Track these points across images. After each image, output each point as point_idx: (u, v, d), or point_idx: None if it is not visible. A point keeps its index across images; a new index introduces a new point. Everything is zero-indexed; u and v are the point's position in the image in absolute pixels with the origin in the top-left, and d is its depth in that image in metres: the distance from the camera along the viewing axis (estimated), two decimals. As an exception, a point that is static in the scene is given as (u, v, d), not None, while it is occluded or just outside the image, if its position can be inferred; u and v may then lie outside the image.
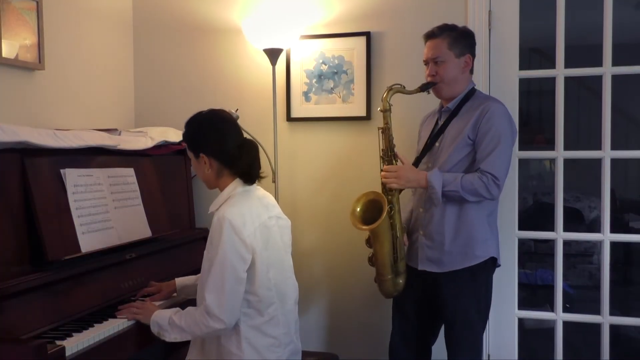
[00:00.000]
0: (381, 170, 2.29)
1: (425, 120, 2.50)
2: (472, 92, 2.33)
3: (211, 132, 1.91)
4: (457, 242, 2.22)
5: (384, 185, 2.27)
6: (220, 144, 1.90)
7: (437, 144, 2.31)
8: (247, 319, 1.84)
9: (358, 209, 2.27)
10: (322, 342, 3.01)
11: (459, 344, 2.26)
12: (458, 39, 2.28)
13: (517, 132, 2.31)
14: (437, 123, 2.38)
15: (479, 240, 2.21)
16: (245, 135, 2.01)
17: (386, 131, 2.29)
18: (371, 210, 2.25)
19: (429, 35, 2.31)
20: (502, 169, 2.17)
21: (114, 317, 1.96)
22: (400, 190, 2.30)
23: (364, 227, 2.22)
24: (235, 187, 1.91)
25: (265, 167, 2.36)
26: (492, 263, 2.29)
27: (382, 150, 2.30)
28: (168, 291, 2.20)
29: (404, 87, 2.29)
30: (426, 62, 2.32)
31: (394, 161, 2.28)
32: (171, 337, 1.87)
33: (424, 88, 2.29)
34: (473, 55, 2.33)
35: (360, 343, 2.92)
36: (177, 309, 1.92)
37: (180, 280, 2.21)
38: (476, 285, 2.24)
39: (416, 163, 2.36)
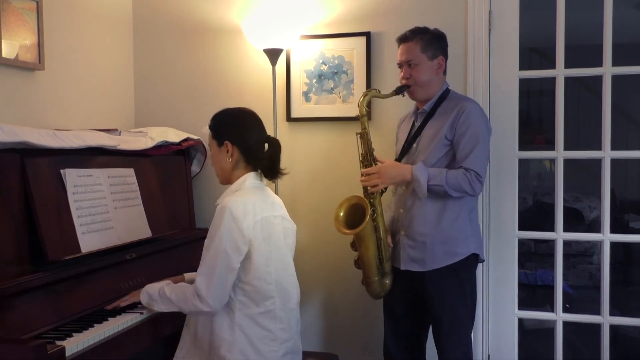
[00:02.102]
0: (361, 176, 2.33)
1: (402, 122, 2.53)
2: (446, 92, 2.36)
3: (238, 122, 2.01)
4: (439, 241, 2.25)
5: (365, 189, 2.31)
6: (245, 134, 1.98)
7: (414, 145, 2.35)
8: (242, 307, 1.88)
9: (341, 214, 2.31)
10: (322, 343, 3.01)
11: (448, 342, 2.29)
12: (430, 42, 2.31)
13: (491, 129, 2.37)
14: (413, 125, 2.42)
15: (460, 238, 2.25)
16: None
17: (364, 136, 2.34)
18: (354, 214, 2.29)
19: (402, 39, 2.34)
20: (483, 166, 2.23)
21: (114, 317, 1.97)
22: (382, 193, 2.33)
23: (348, 231, 2.25)
24: (245, 180, 1.97)
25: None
26: (474, 259, 2.32)
27: (362, 154, 2.35)
28: None
29: (379, 92, 2.36)
30: (400, 65, 2.36)
31: (373, 165, 2.33)
32: (160, 307, 1.95)
33: (398, 91, 2.34)
34: (446, 57, 2.36)
35: (360, 343, 2.91)
36: (169, 281, 2.00)
37: (188, 275, 2.25)
38: (460, 281, 2.27)
39: None
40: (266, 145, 2.02)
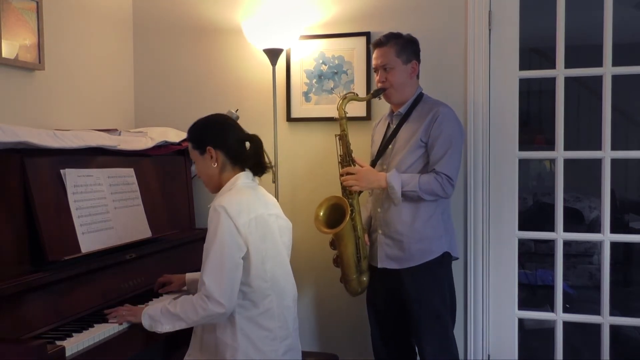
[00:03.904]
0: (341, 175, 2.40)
1: (377, 124, 2.61)
2: (420, 96, 2.44)
3: (215, 127, 2.01)
4: (415, 240, 2.33)
5: (344, 188, 2.39)
6: (225, 136, 1.98)
7: (390, 147, 2.42)
8: (242, 310, 1.87)
9: (321, 214, 2.38)
10: (321, 343, 3.01)
11: (427, 340, 2.32)
12: (405, 47, 2.38)
13: (464, 133, 2.45)
14: (388, 127, 2.49)
15: (434, 237, 2.34)
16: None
17: (344, 137, 2.42)
18: (334, 214, 2.37)
19: (377, 44, 2.42)
20: (454, 170, 2.31)
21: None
22: (360, 193, 2.42)
23: (329, 230, 2.34)
24: (237, 180, 1.97)
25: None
26: (449, 257, 2.40)
27: (340, 156, 2.44)
28: (179, 283, 2.25)
29: (357, 95, 2.45)
30: (375, 70, 2.43)
31: (352, 166, 2.40)
32: (165, 327, 1.87)
33: (375, 94, 2.42)
34: (419, 61, 2.43)
35: (360, 343, 2.91)
36: (170, 299, 1.95)
37: (189, 275, 2.25)
38: (436, 278, 2.35)
39: (371, 166, 2.46)
40: (247, 144, 2.01)
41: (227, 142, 1.97)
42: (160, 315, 1.87)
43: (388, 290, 2.42)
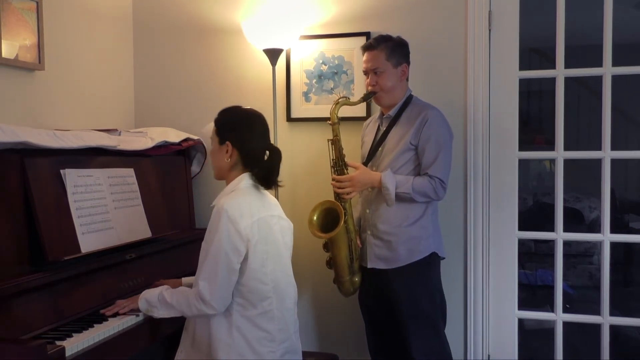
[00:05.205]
0: (334, 180, 2.42)
1: (367, 126, 2.63)
2: (409, 98, 2.46)
3: (245, 125, 1.98)
4: (404, 240, 2.35)
5: (337, 193, 2.40)
6: (248, 140, 1.96)
7: (380, 149, 2.45)
8: (240, 308, 1.88)
9: (315, 218, 2.42)
10: (321, 342, 3.01)
11: (419, 338, 2.33)
12: (395, 50, 2.40)
13: (453, 134, 2.44)
14: (378, 129, 2.51)
15: (422, 237, 2.37)
16: None
17: (336, 142, 2.44)
18: (327, 218, 2.40)
19: (367, 47, 2.43)
20: (446, 172, 2.34)
21: (114, 317, 1.97)
22: None
23: (323, 235, 2.37)
24: (240, 181, 1.96)
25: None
26: (436, 257, 2.43)
27: (333, 160, 2.45)
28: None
29: (349, 99, 2.48)
30: (366, 73, 2.45)
31: (345, 170, 2.43)
32: (160, 313, 1.93)
33: (366, 98, 2.44)
34: (408, 64, 2.46)
35: (360, 343, 2.91)
36: (167, 286, 1.99)
37: (186, 280, 2.24)
38: (423, 278, 2.38)
39: None
40: (267, 153, 1.99)
41: (248, 145, 1.95)
42: (157, 302, 1.93)
43: (377, 290, 2.44)
